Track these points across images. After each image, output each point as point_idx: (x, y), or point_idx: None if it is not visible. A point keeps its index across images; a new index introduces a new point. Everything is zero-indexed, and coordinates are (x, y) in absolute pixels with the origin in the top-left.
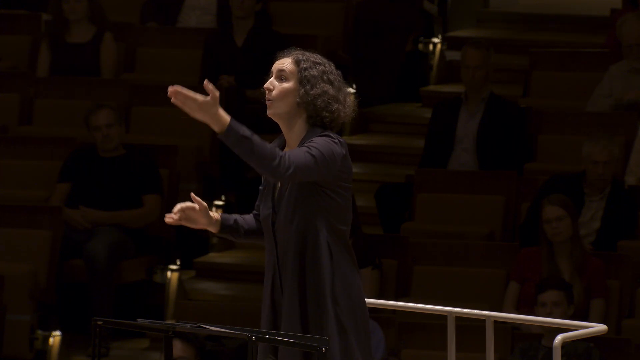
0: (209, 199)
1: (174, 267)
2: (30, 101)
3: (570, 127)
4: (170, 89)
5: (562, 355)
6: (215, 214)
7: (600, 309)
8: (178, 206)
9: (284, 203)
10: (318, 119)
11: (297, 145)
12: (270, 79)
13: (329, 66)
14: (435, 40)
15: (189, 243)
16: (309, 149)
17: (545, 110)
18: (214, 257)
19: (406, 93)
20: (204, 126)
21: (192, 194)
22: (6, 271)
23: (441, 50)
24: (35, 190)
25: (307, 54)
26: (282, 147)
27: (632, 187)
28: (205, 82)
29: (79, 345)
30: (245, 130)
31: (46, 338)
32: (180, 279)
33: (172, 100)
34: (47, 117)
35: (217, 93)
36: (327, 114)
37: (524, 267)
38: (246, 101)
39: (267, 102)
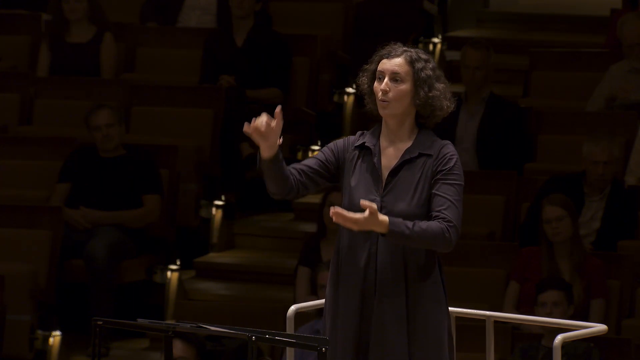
0: (209, 199)
1: (174, 267)
2: (30, 101)
3: (570, 127)
4: (332, 210)
5: (562, 355)
6: (280, 140)
7: (600, 309)
8: (262, 121)
9: (410, 198)
10: (430, 118)
11: (410, 145)
12: (385, 81)
13: (432, 59)
14: (435, 40)
15: (189, 243)
16: (455, 196)
17: (545, 110)
18: (214, 257)
19: None
20: (204, 126)
21: (278, 110)
22: (6, 271)
23: (441, 50)
24: (35, 190)
25: (413, 50)
26: (376, 141)
27: (632, 187)
28: (362, 202)
29: (79, 345)
30: (404, 227)
31: (46, 338)
32: (180, 279)
33: (335, 220)
34: (47, 117)
35: (375, 207)
36: (440, 113)
37: (524, 267)
38: (246, 101)
39: (382, 103)
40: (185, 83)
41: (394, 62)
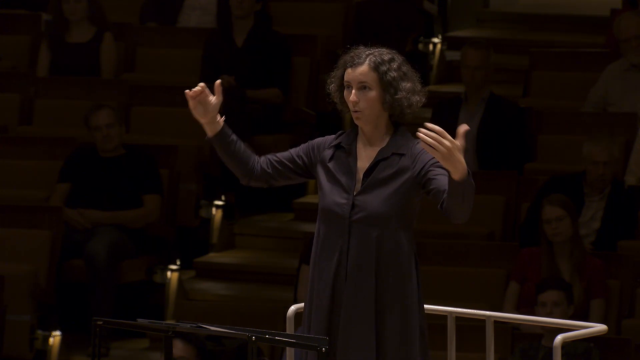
0: (209, 199)
1: (174, 267)
2: (30, 101)
3: (570, 127)
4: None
5: (562, 355)
6: (221, 119)
7: (600, 309)
8: (200, 86)
9: (383, 197)
10: (401, 115)
11: (384, 145)
12: (353, 91)
13: (398, 56)
14: (435, 40)
15: (189, 243)
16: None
17: (545, 110)
18: (214, 257)
19: None
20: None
21: (220, 82)
22: (6, 271)
23: (441, 50)
24: (35, 190)
25: (377, 52)
26: (352, 141)
27: (632, 187)
28: (438, 129)
29: (79, 345)
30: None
31: (46, 338)
32: (180, 279)
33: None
34: (47, 117)
35: (460, 143)
36: (409, 110)
37: (524, 267)
38: (246, 101)
39: (355, 114)
40: (185, 83)
41: (358, 71)
